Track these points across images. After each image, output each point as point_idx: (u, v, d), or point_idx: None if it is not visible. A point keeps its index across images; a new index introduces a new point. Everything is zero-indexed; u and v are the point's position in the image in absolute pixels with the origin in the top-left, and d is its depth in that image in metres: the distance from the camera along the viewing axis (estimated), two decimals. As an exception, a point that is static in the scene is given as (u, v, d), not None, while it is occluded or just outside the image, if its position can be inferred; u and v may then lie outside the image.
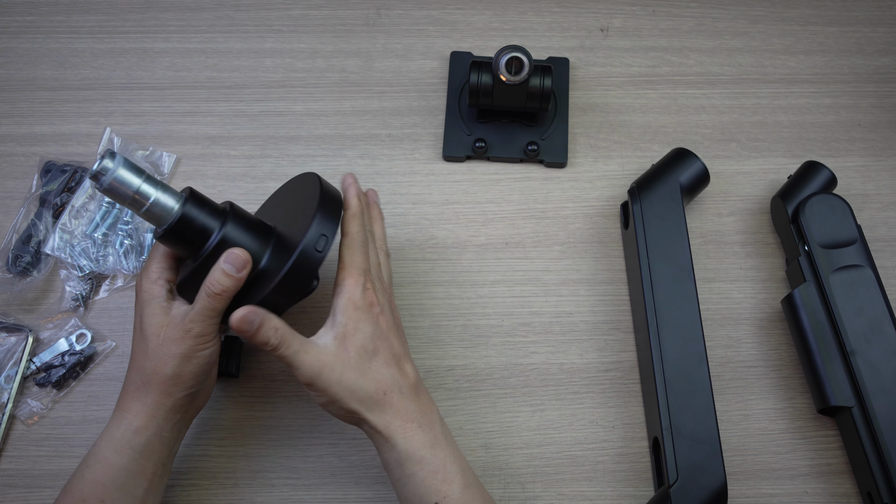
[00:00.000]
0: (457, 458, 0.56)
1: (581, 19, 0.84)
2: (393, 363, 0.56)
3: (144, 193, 0.52)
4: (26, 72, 0.80)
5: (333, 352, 0.53)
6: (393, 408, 0.54)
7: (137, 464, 0.55)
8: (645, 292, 0.66)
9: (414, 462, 0.54)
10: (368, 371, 0.54)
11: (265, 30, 0.82)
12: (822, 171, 0.72)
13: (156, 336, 0.55)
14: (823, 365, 0.65)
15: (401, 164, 0.77)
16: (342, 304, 0.54)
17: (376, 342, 0.55)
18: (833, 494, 0.65)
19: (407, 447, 0.54)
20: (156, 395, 0.55)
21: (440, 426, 0.56)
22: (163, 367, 0.54)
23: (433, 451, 0.54)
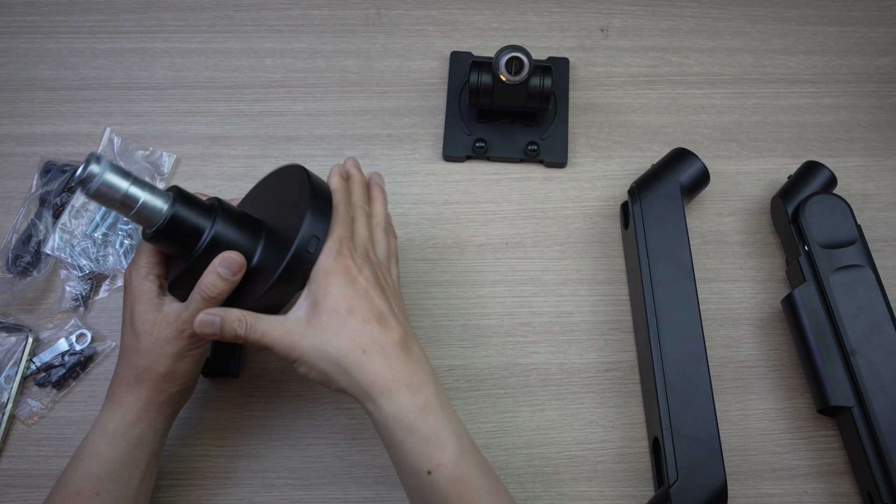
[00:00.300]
0: (451, 422, 0.52)
1: (581, 19, 0.84)
2: (373, 320, 0.52)
3: (133, 196, 0.51)
4: (26, 72, 0.80)
5: (304, 320, 0.52)
6: (375, 366, 0.51)
7: (132, 455, 0.55)
8: (645, 292, 0.66)
9: (403, 428, 0.51)
10: (343, 330, 0.51)
11: (265, 30, 0.82)
12: (822, 171, 0.72)
13: (148, 334, 0.54)
14: (823, 365, 0.65)
15: (401, 164, 0.77)
16: (314, 271, 0.53)
17: (350, 302, 0.52)
18: (833, 494, 0.65)
19: (394, 411, 0.51)
20: (148, 391, 0.55)
21: (433, 387, 0.52)
22: (156, 365, 0.55)
23: (423, 415, 0.51)
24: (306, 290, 0.53)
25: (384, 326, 0.52)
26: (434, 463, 0.50)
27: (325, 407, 0.67)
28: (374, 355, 0.51)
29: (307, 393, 0.68)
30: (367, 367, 0.51)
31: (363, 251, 0.55)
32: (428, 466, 0.50)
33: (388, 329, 0.52)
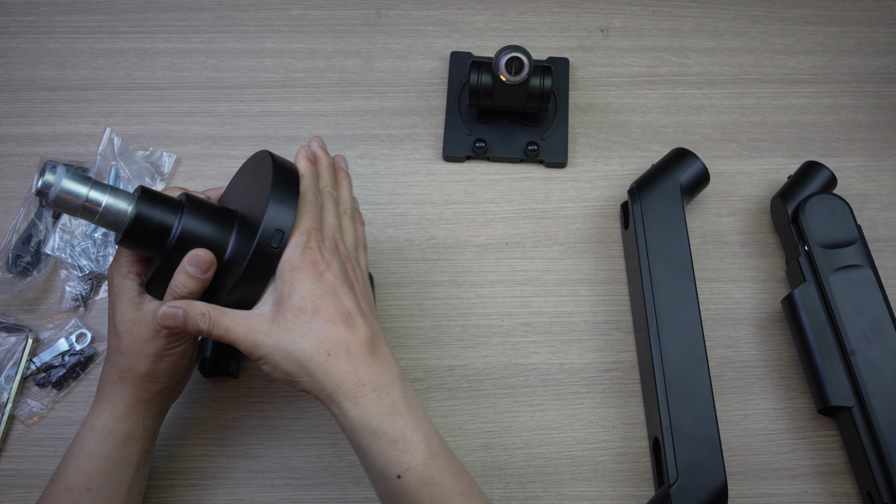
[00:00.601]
0: (419, 424, 0.51)
1: (581, 19, 0.84)
2: (339, 321, 0.50)
3: (94, 201, 0.50)
4: (26, 72, 0.80)
5: (269, 317, 0.50)
6: (340, 369, 0.49)
7: (121, 452, 0.55)
8: (645, 292, 0.66)
9: (370, 433, 0.49)
10: (308, 331, 0.49)
11: (265, 30, 0.82)
12: (822, 171, 0.72)
13: (128, 333, 0.54)
14: (823, 365, 0.65)
15: (401, 164, 0.77)
16: (280, 266, 0.51)
17: (317, 301, 0.50)
18: (833, 494, 0.65)
19: (360, 415, 0.49)
20: (133, 389, 0.55)
21: (399, 389, 0.51)
22: (137, 364, 0.54)
23: (390, 419, 0.50)
24: (272, 286, 0.51)
25: (350, 327, 0.50)
26: (403, 467, 0.49)
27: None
28: (340, 358, 0.50)
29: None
30: (332, 369, 0.49)
31: (332, 242, 0.53)
32: (397, 470, 0.49)
33: (354, 330, 0.51)
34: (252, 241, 0.51)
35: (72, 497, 0.54)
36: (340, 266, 0.52)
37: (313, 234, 0.52)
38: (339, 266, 0.52)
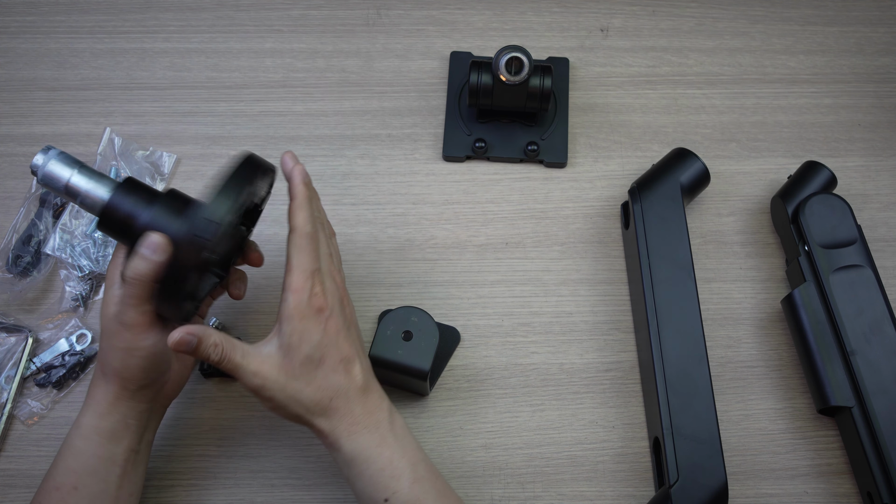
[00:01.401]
0: (406, 452, 0.54)
1: (581, 19, 0.84)
2: (340, 368, 0.54)
3: (74, 185, 0.53)
4: (26, 72, 0.80)
5: (278, 363, 0.52)
6: (339, 413, 0.54)
7: (106, 449, 0.55)
8: (645, 292, 0.66)
9: (360, 462, 0.53)
10: (314, 380, 0.53)
11: (265, 30, 0.82)
12: (822, 171, 0.72)
13: (105, 329, 0.55)
14: (823, 365, 0.65)
15: (401, 164, 0.77)
16: (287, 311, 0.52)
17: (323, 350, 0.53)
18: (833, 494, 0.65)
19: (352, 448, 0.54)
20: (113, 386, 0.55)
21: (387, 424, 0.55)
22: (111, 360, 0.55)
23: (379, 449, 0.54)
24: (277, 327, 0.53)
25: (349, 373, 0.54)
26: (390, 491, 0.53)
27: (326, 407, 0.67)
28: (339, 403, 0.54)
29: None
30: (332, 413, 0.54)
31: (331, 280, 0.54)
32: (384, 494, 0.53)
33: (352, 376, 0.54)
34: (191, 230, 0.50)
35: (60, 496, 0.54)
36: (340, 308, 0.55)
37: (317, 277, 0.53)
38: (340, 308, 0.54)
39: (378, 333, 0.63)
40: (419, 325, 0.63)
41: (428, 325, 0.63)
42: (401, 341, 0.63)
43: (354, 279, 0.72)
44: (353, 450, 0.54)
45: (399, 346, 0.63)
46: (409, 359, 0.62)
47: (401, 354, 0.62)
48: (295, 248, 0.52)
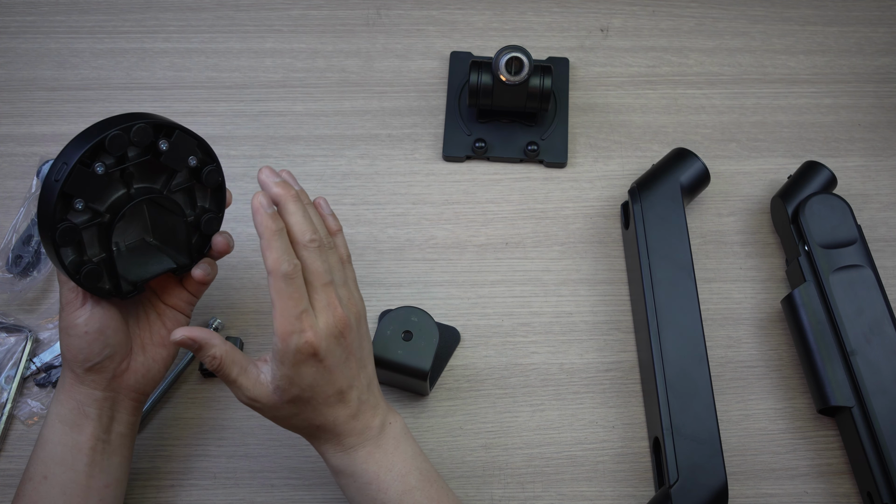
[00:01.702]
0: (394, 466, 0.54)
1: (581, 19, 0.84)
2: (332, 401, 0.53)
3: None
4: (26, 72, 0.80)
5: (269, 392, 0.52)
6: (325, 437, 0.54)
7: (69, 437, 0.55)
8: (645, 292, 0.66)
9: (346, 476, 0.55)
10: (303, 412, 0.53)
11: (265, 30, 0.82)
12: (822, 171, 0.72)
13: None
14: (823, 365, 0.65)
15: (401, 164, 0.77)
16: (277, 356, 0.51)
17: (314, 391, 0.52)
18: (833, 494, 0.65)
19: (338, 464, 0.55)
20: (66, 371, 0.56)
21: (375, 440, 0.54)
22: (60, 341, 0.55)
23: (365, 465, 0.54)
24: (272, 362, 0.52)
25: (342, 402, 0.53)
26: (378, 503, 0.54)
27: (325, 407, 0.67)
28: (327, 430, 0.54)
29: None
30: (321, 437, 0.55)
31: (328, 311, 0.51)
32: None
33: (345, 405, 0.54)
34: None
35: (32, 486, 0.54)
36: (337, 342, 0.52)
37: (305, 318, 0.50)
38: (336, 343, 0.52)
39: (378, 333, 0.63)
40: (419, 325, 0.63)
41: (428, 325, 0.63)
42: (401, 341, 0.63)
43: (354, 279, 0.72)
44: (338, 465, 0.55)
45: (399, 346, 0.62)
46: (409, 359, 0.62)
47: (401, 354, 0.62)
48: (275, 293, 0.49)
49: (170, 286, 0.60)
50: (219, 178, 0.57)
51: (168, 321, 0.59)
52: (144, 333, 0.58)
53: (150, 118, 0.52)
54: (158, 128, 0.52)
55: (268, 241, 0.49)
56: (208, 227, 0.58)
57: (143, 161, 0.52)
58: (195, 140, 0.54)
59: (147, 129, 0.51)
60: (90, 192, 0.50)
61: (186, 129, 0.54)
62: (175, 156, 0.53)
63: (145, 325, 0.59)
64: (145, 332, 0.59)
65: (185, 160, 0.54)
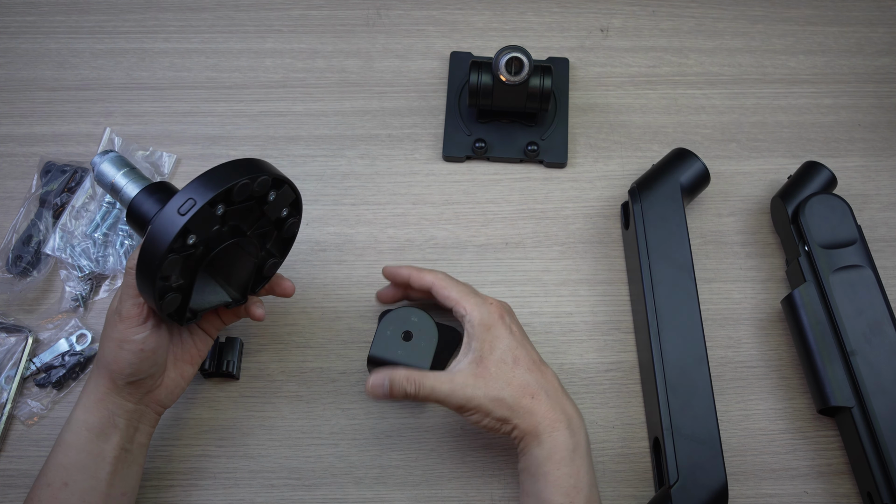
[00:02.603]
0: (589, 470, 0.57)
1: (581, 19, 0.84)
2: (535, 369, 0.58)
3: (117, 184, 0.57)
4: (26, 72, 0.80)
5: (473, 372, 0.57)
6: (542, 408, 0.57)
7: (94, 445, 0.55)
8: (645, 292, 0.66)
9: (553, 463, 0.56)
10: (513, 379, 0.57)
11: (265, 30, 0.82)
12: (822, 171, 0.72)
13: (106, 321, 0.56)
14: (823, 365, 0.65)
15: (401, 164, 0.77)
16: (472, 329, 0.59)
17: (515, 352, 0.58)
18: (833, 494, 0.66)
19: (552, 446, 0.56)
20: (103, 379, 0.56)
21: (583, 433, 0.58)
22: (103, 351, 0.55)
23: (573, 456, 0.56)
24: (465, 348, 0.59)
25: (542, 372, 0.59)
26: (569, 499, 0.55)
27: (325, 407, 0.67)
28: (541, 399, 0.57)
29: (307, 393, 0.68)
30: (537, 409, 0.57)
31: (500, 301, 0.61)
32: (564, 501, 0.55)
33: (545, 374, 0.59)
34: None
35: (51, 492, 0.54)
36: (513, 315, 0.61)
37: (478, 294, 0.61)
38: (512, 315, 0.61)
39: (378, 333, 0.63)
40: (419, 325, 0.63)
41: (427, 326, 0.63)
42: (400, 341, 0.63)
43: (354, 279, 0.72)
44: (551, 448, 0.56)
45: (399, 346, 0.63)
46: (409, 359, 0.62)
47: (400, 354, 0.62)
48: (445, 289, 0.61)
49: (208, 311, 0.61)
50: (297, 229, 0.61)
51: (198, 341, 0.61)
52: (177, 350, 0.60)
53: (272, 172, 0.54)
54: (275, 181, 0.55)
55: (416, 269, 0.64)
56: (271, 270, 0.61)
57: (249, 205, 0.55)
58: (294, 195, 0.58)
59: (269, 182, 0.54)
60: (203, 229, 0.52)
61: (293, 184, 0.57)
62: (276, 207, 0.56)
63: (178, 343, 0.60)
64: (178, 349, 0.60)
65: (280, 211, 0.57)
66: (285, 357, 0.69)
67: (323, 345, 0.69)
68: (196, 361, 0.61)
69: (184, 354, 0.60)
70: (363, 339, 0.70)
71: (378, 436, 0.67)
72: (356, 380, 0.68)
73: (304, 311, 0.70)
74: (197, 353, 0.61)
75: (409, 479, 0.65)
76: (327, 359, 0.69)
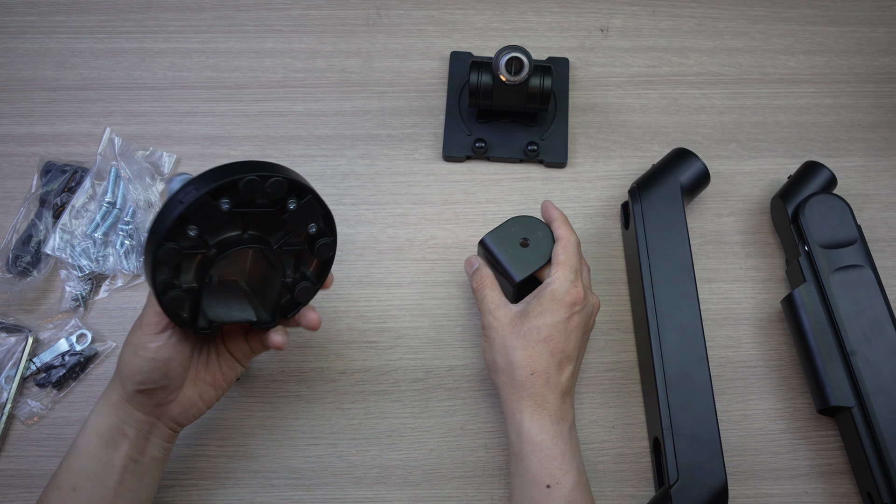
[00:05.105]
0: (575, 457, 0.57)
1: (581, 19, 0.84)
2: (557, 357, 0.58)
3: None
4: (26, 72, 0.80)
5: (513, 316, 0.60)
6: (533, 388, 0.57)
7: (104, 452, 0.55)
8: (645, 292, 0.66)
9: (534, 444, 0.56)
10: (529, 347, 0.58)
11: (265, 30, 0.82)
12: (822, 171, 0.72)
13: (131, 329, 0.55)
14: (823, 365, 0.65)
15: (401, 164, 0.77)
16: (543, 291, 0.60)
17: (552, 331, 0.58)
18: (833, 494, 0.65)
19: (532, 427, 0.57)
20: (116, 385, 0.55)
21: (569, 428, 0.58)
22: (121, 356, 0.55)
23: (554, 440, 0.57)
24: (533, 295, 0.60)
25: (561, 367, 0.59)
26: (555, 480, 0.56)
27: (325, 407, 0.67)
28: (538, 381, 0.58)
29: (307, 393, 0.68)
30: (528, 385, 0.58)
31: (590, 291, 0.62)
32: (548, 481, 0.56)
33: (562, 371, 0.59)
34: None
35: (59, 496, 0.54)
36: (588, 315, 0.61)
37: (579, 276, 0.61)
38: (587, 314, 0.61)
39: (502, 225, 0.65)
40: (540, 240, 0.64)
41: (545, 246, 0.64)
42: (516, 243, 0.64)
43: (354, 279, 0.72)
44: (531, 429, 0.57)
45: (511, 246, 0.64)
46: (510, 261, 0.63)
47: (508, 253, 0.64)
48: (563, 249, 0.62)
49: (236, 334, 0.59)
50: (330, 252, 0.57)
51: (224, 365, 0.59)
52: (200, 369, 0.58)
53: (288, 175, 0.52)
54: (294, 186, 0.52)
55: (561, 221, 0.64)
56: (302, 294, 0.57)
57: (267, 212, 0.53)
58: (322, 210, 0.55)
59: (283, 184, 0.51)
60: (207, 223, 0.50)
61: (319, 197, 0.54)
62: (299, 218, 0.53)
63: (203, 363, 0.58)
64: (202, 368, 0.58)
65: (305, 225, 0.54)
66: (285, 357, 0.69)
67: (323, 345, 0.69)
68: (220, 386, 0.59)
69: (206, 375, 0.58)
70: (363, 339, 0.70)
71: (378, 436, 0.67)
72: (356, 380, 0.68)
73: (304, 311, 0.70)
74: (221, 377, 0.59)
75: (409, 479, 0.65)
76: (327, 359, 0.69)
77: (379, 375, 0.68)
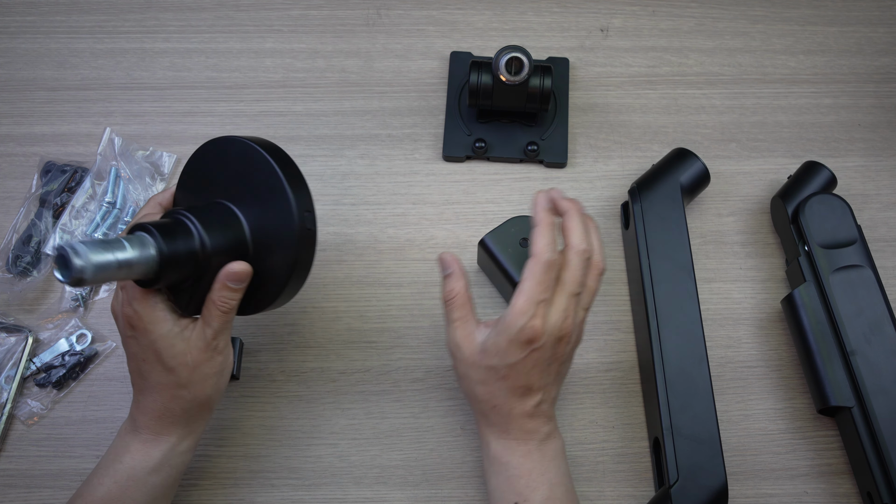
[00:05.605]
0: (547, 472, 0.56)
1: (581, 19, 0.84)
2: (519, 392, 0.55)
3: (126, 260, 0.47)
4: (26, 72, 0.80)
5: (473, 351, 0.55)
6: (493, 420, 0.56)
7: (172, 479, 0.57)
8: (645, 292, 0.66)
9: (501, 464, 0.56)
10: (488, 385, 0.55)
11: (265, 30, 0.82)
12: (822, 171, 0.72)
13: (185, 365, 0.53)
14: (823, 365, 0.65)
15: (401, 164, 0.77)
16: (501, 326, 0.53)
17: (510, 371, 0.54)
18: (833, 494, 0.65)
19: (497, 448, 0.56)
20: (197, 419, 0.57)
21: (537, 444, 0.56)
22: (203, 389, 0.55)
23: (522, 460, 0.56)
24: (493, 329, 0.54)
25: (522, 399, 0.55)
26: (522, 497, 0.55)
27: (325, 407, 0.67)
28: (500, 413, 0.56)
29: (307, 393, 0.68)
30: (492, 416, 0.56)
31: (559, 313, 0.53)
32: (516, 499, 0.55)
33: (527, 400, 0.55)
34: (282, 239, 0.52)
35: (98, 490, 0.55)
36: (553, 344, 0.54)
37: (541, 308, 0.53)
38: (552, 344, 0.54)
39: (502, 225, 0.65)
40: None
41: None
42: (516, 244, 0.64)
43: (354, 279, 0.72)
44: (496, 451, 0.56)
45: (511, 246, 0.64)
46: (510, 262, 0.63)
47: (508, 253, 0.64)
48: (528, 273, 0.53)
49: None
50: None
51: None
52: None
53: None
54: None
55: (542, 229, 0.54)
56: None
57: None
58: None
59: None
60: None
61: None
62: None
63: None
64: None
65: None
66: (285, 357, 0.69)
67: (322, 345, 0.69)
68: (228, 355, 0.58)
69: None
70: (363, 339, 0.70)
71: (378, 436, 0.67)
72: (356, 380, 0.68)
73: (304, 310, 0.70)
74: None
75: (409, 479, 0.65)
76: (327, 359, 0.69)
77: (379, 375, 0.68)
